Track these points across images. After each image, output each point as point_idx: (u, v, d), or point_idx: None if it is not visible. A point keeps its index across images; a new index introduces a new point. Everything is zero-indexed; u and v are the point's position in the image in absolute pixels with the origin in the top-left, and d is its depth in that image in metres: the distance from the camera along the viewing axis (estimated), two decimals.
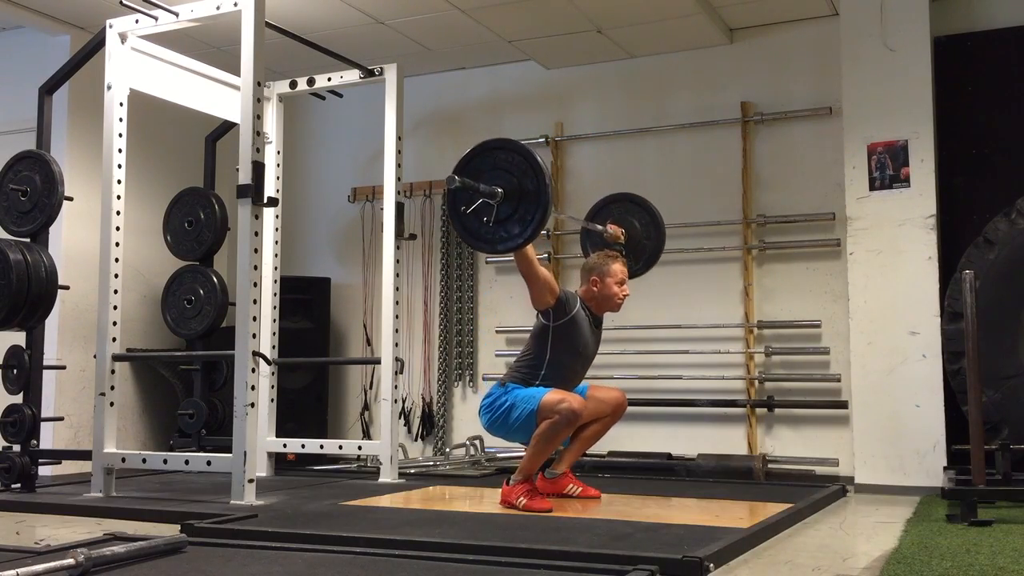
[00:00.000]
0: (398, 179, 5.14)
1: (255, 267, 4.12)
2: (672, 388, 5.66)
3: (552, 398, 3.89)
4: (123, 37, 4.58)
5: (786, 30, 5.65)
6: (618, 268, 4.21)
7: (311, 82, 5.49)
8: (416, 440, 6.28)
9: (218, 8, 4.33)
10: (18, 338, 4.70)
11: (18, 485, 4.56)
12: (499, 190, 3.61)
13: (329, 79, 5.44)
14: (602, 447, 5.46)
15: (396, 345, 5.06)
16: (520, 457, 4.15)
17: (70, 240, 5.52)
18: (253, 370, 4.07)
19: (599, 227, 4.56)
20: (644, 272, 4.68)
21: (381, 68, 5.20)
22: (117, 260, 4.52)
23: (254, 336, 4.10)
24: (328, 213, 6.78)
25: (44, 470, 5.03)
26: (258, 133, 4.18)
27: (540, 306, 4.05)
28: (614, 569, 2.62)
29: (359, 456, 5.74)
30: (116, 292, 4.51)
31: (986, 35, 5.23)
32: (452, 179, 3.59)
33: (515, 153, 3.65)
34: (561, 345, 4.07)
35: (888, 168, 4.93)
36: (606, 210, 4.73)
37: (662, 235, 4.67)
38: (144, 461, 4.40)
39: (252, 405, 4.05)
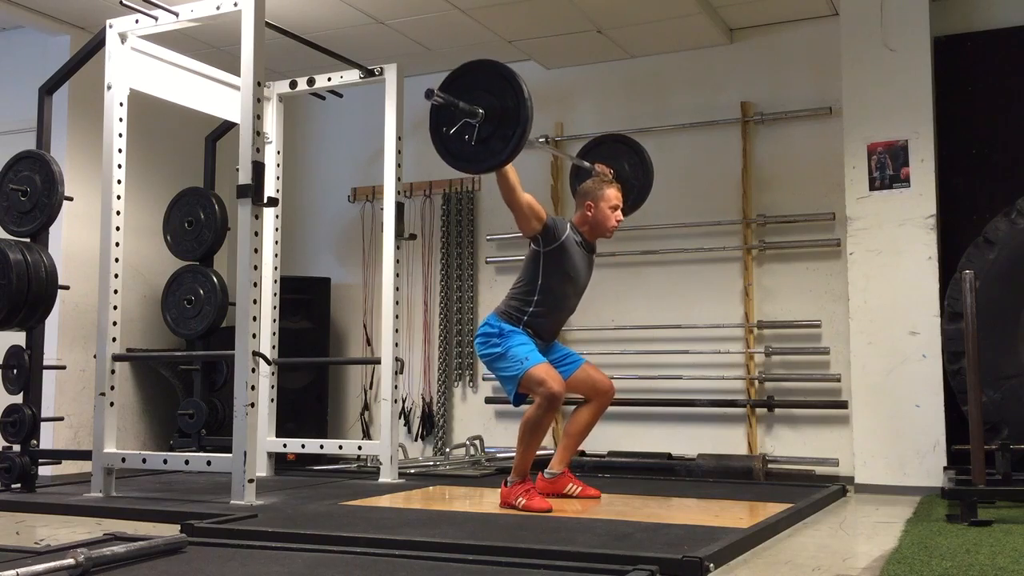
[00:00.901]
0: (398, 179, 5.14)
1: (255, 267, 4.12)
2: (672, 388, 5.66)
3: (535, 375, 3.90)
4: (123, 37, 4.58)
5: (786, 30, 5.65)
6: (612, 193, 4.20)
7: (311, 82, 5.49)
8: (416, 440, 6.28)
9: (218, 8, 4.33)
10: (18, 338, 4.70)
11: (18, 485, 4.56)
12: (479, 110, 3.61)
13: (329, 79, 5.44)
14: (602, 447, 5.48)
15: (396, 345, 5.06)
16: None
17: (70, 240, 5.52)
18: (253, 370, 4.07)
19: (587, 164, 4.57)
20: (631, 212, 4.65)
21: (381, 68, 5.20)
22: (117, 260, 4.52)
23: (254, 336, 4.10)
24: (328, 213, 6.78)
25: (44, 470, 5.03)
26: (258, 133, 4.18)
27: (527, 232, 4.05)
28: (614, 569, 2.61)
29: (359, 456, 5.74)
30: (116, 292, 4.51)
31: (986, 35, 5.23)
32: (431, 92, 3.59)
33: (495, 74, 3.65)
34: (552, 270, 4.07)
35: (888, 168, 4.93)
36: (596, 150, 4.74)
37: (650, 176, 4.68)
38: (144, 461, 4.40)
39: (252, 405, 4.05)
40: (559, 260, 4.08)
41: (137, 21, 4.53)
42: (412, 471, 5.44)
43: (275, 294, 5.52)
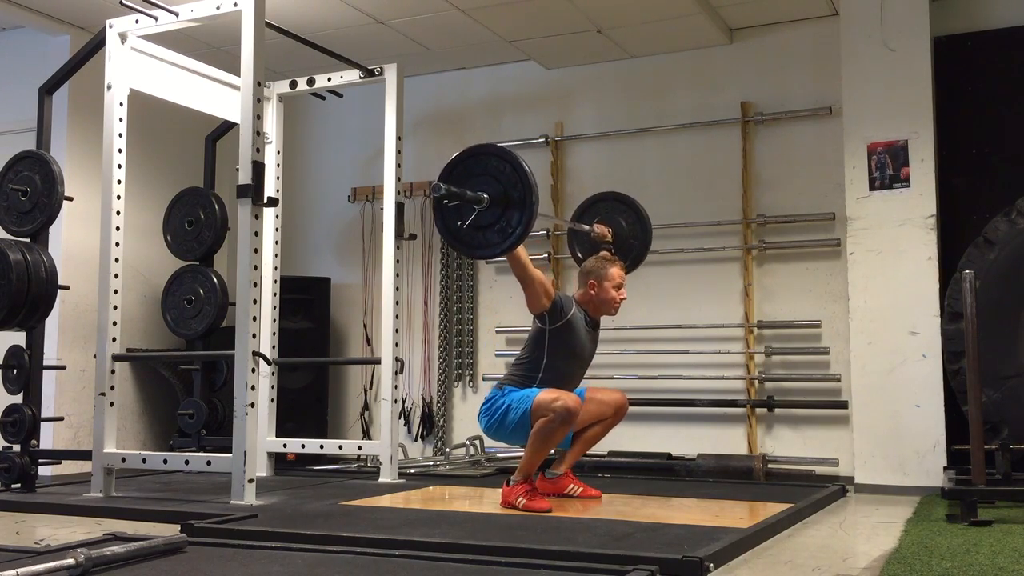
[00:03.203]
0: (398, 179, 5.14)
1: (255, 267, 4.12)
2: (672, 388, 5.66)
3: (546, 397, 3.89)
4: (123, 37, 4.58)
5: (786, 30, 5.65)
6: (616, 272, 4.21)
7: (311, 82, 5.49)
8: (416, 440, 6.28)
9: (218, 8, 4.33)
10: (18, 338, 4.70)
11: (18, 485, 4.56)
12: (484, 196, 3.58)
13: (329, 79, 5.44)
14: (602, 447, 5.45)
15: (396, 345, 5.06)
16: (520, 457, 4.15)
17: (70, 240, 5.52)
18: (253, 370, 4.07)
19: (585, 227, 4.55)
20: (632, 270, 4.67)
21: (381, 68, 5.20)
22: (117, 260, 4.52)
23: (254, 336, 4.10)
24: (328, 213, 6.78)
25: (44, 470, 5.03)
26: (258, 133, 4.18)
27: (535, 309, 4.05)
28: (614, 569, 2.61)
29: (359, 456, 5.74)
30: (116, 292, 4.51)
31: (986, 35, 5.23)
32: (438, 187, 3.56)
33: (505, 162, 3.61)
34: (558, 348, 4.07)
35: (888, 168, 4.93)
36: (592, 209, 4.71)
37: (648, 233, 4.65)
38: (144, 461, 4.40)
39: (252, 405, 4.05)
40: (565, 338, 4.08)
41: (137, 21, 4.53)
42: (412, 471, 5.44)
43: (275, 294, 5.52)
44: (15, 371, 4.67)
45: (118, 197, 4.55)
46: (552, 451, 4.13)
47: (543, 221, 6.00)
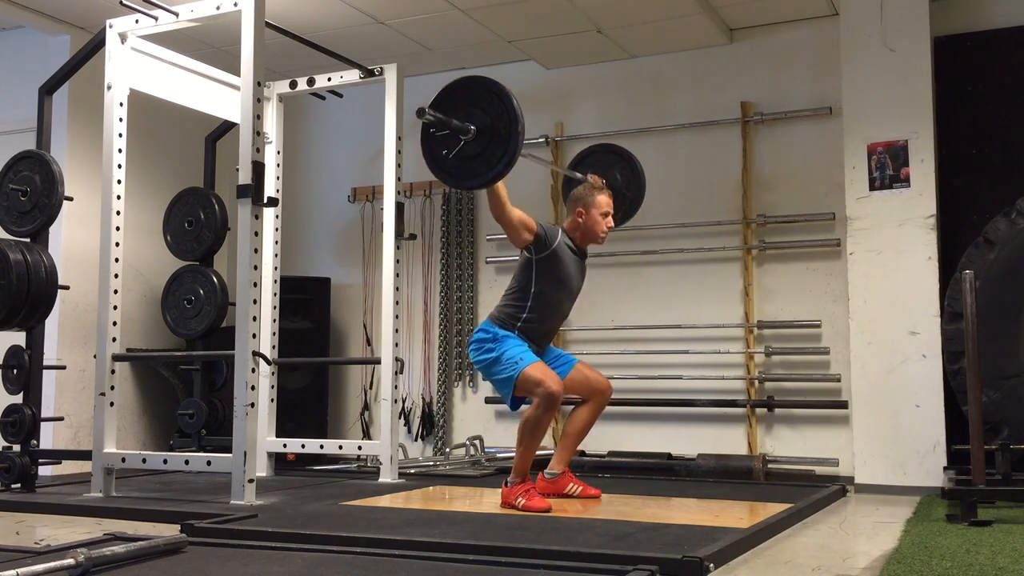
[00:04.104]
0: (398, 179, 5.14)
1: (255, 267, 4.12)
2: (672, 388, 5.66)
3: (532, 375, 3.90)
4: (123, 37, 4.58)
5: (786, 30, 5.65)
6: (603, 200, 4.21)
7: (311, 82, 5.49)
8: (416, 440, 6.28)
9: (218, 8, 4.33)
10: (18, 338, 4.70)
11: (18, 485, 4.56)
12: (471, 127, 3.59)
13: (329, 79, 5.44)
14: (602, 447, 5.48)
15: (396, 345, 5.06)
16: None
17: (70, 240, 5.52)
18: (253, 370, 4.07)
19: (579, 176, 4.56)
20: (625, 221, 4.66)
21: (381, 68, 5.21)
22: (117, 260, 4.52)
23: (254, 336, 4.10)
24: (328, 213, 6.79)
25: (44, 470, 5.03)
26: (258, 133, 4.18)
27: (518, 243, 4.06)
28: (614, 569, 2.61)
29: (359, 456, 5.74)
30: (116, 292, 4.51)
31: (986, 35, 5.23)
32: (423, 111, 3.57)
33: (493, 95, 3.62)
34: (545, 277, 4.08)
35: (888, 168, 4.93)
36: (587, 160, 4.73)
37: (642, 185, 4.66)
38: (144, 461, 4.40)
39: (252, 405, 4.05)
40: (551, 267, 4.09)
41: (137, 21, 4.53)
42: (412, 471, 5.44)
43: (275, 294, 5.52)
44: (15, 371, 4.67)
45: (118, 197, 4.55)
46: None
47: (541, 216, 5.99)
